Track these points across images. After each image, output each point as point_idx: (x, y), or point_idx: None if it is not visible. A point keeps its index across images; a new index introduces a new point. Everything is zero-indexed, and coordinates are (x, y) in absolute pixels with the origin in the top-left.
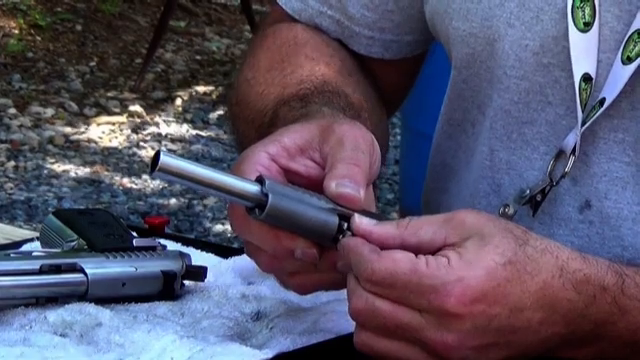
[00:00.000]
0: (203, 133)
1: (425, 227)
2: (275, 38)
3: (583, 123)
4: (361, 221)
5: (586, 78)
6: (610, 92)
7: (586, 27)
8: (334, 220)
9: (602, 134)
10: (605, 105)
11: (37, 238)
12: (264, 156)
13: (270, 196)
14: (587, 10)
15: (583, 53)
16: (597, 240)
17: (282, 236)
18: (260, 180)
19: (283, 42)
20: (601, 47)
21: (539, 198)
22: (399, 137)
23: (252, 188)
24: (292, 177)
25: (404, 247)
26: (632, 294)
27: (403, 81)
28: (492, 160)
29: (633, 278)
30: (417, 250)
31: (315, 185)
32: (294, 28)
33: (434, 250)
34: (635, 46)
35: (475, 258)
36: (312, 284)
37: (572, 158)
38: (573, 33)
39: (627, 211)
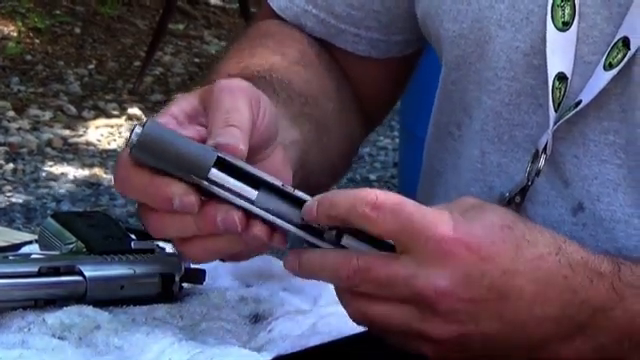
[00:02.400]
0: None
1: (425, 211)
2: (250, 31)
3: (556, 123)
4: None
5: (560, 77)
6: (587, 95)
7: (565, 26)
8: (212, 154)
9: (593, 136)
10: (579, 107)
11: (35, 241)
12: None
13: (146, 124)
14: (567, 10)
15: (559, 52)
16: (591, 242)
17: (159, 182)
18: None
19: (254, 35)
20: (579, 47)
21: (518, 200)
22: (397, 140)
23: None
24: None
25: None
26: (629, 281)
27: (389, 87)
28: (483, 163)
29: (629, 267)
30: None
31: None
32: (271, 22)
33: None
34: (618, 54)
35: (476, 216)
36: (205, 250)
37: (544, 156)
38: (551, 31)
39: (620, 213)
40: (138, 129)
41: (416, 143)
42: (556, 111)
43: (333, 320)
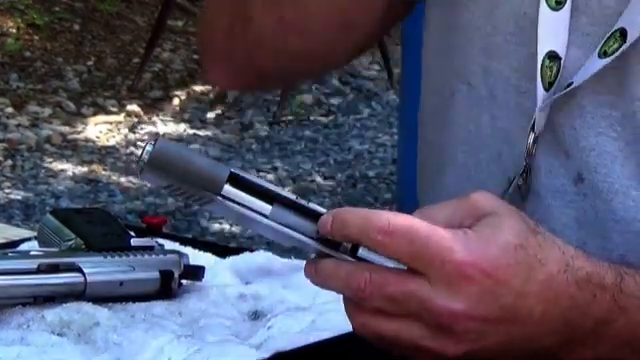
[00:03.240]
0: (200, 132)
1: (439, 212)
2: None
3: (544, 101)
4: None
5: (551, 56)
6: (580, 78)
7: (557, 6)
8: (225, 169)
9: (590, 108)
10: (569, 89)
11: (35, 237)
12: None
13: (157, 142)
14: None
15: (550, 30)
16: (591, 213)
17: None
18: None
19: None
20: (572, 28)
21: (520, 182)
22: (396, 137)
23: (148, 148)
24: None
25: None
26: (631, 292)
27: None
28: (493, 128)
29: (633, 276)
30: None
31: None
32: None
33: None
34: (615, 43)
35: (491, 235)
36: None
37: (532, 135)
38: (544, 9)
39: (618, 185)
40: (149, 147)
41: (415, 140)
42: (546, 90)
43: (332, 317)
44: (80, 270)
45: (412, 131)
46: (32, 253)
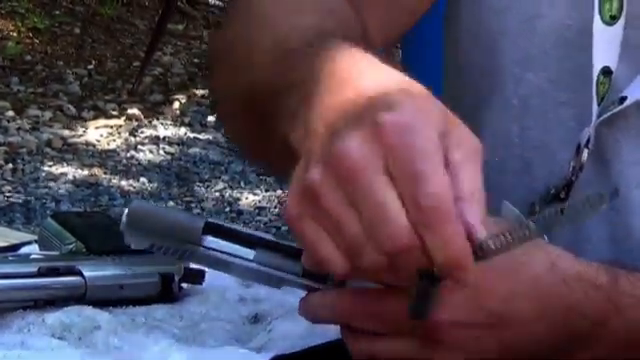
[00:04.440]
0: (201, 136)
1: None
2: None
3: (599, 117)
4: None
5: (605, 71)
6: (633, 92)
7: (612, 20)
8: (199, 220)
9: (634, 121)
10: (625, 104)
11: (35, 241)
12: None
13: (131, 205)
14: (615, 3)
15: (605, 46)
16: (623, 229)
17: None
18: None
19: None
20: (624, 43)
21: (563, 195)
22: None
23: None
24: None
25: None
26: (626, 291)
27: (393, 17)
28: (522, 138)
29: (627, 277)
30: None
31: None
32: None
33: None
34: None
35: None
36: None
37: (586, 151)
38: (598, 24)
39: None
40: (126, 210)
41: None
42: (599, 105)
43: None
44: (80, 273)
45: None
46: (32, 256)
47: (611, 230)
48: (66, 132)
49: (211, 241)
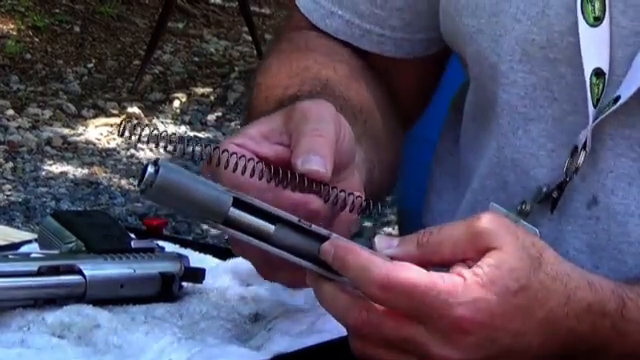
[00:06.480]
0: (201, 135)
1: (446, 241)
2: (288, 43)
3: (595, 119)
4: (380, 244)
5: (597, 73)
6: (626, 90)
7: (596, 22)
8: (228, 197)
9: (609, 130)
10: (619, 103)
11: (35, 240)
12: (231, 146)
13: (160, 169)
14: (597, 4)
15: (593, 48)
16: (604, 236)
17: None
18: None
19: (294, 47)
20: (613, 42)
21: (555, 195)
22: None
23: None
24: (267, 164)
25: (423, 265)
26: (632, 317)
27: (419, 85)
28: (499, 157)
29: (636, 301)
30: (437, 265)
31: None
32: (307, 34)
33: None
34: None
35: (490, 281)
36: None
37: (583, 153)
38: (583, 27)
39: (634, 207)
40: (151, 168)
41: (419, 144)
42: (595, 107)
43: (332, 319)
44: (80, 272)
45: (414, 136)
46: (33, 255)
47: (589, 239)
48: (66, 131)
49: (234, 213)
